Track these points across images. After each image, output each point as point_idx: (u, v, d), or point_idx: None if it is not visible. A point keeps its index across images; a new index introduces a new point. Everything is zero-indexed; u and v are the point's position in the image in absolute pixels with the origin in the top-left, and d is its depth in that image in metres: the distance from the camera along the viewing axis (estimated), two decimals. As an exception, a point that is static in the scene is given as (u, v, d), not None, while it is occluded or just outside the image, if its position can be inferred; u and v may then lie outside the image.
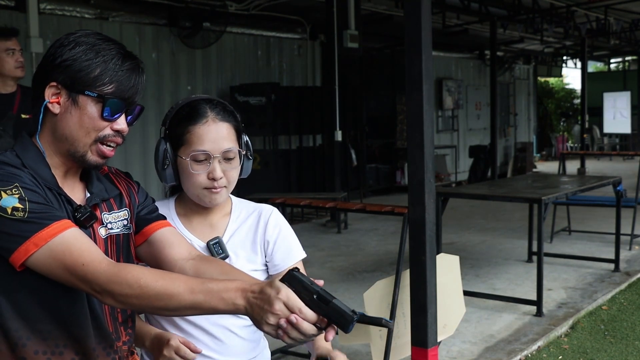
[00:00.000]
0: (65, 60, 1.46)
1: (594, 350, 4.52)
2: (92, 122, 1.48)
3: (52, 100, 1.47)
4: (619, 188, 6.47)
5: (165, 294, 1.32)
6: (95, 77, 1.46)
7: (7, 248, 1.38)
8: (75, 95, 1.47)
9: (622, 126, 19.42)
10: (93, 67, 1.46)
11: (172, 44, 9.17)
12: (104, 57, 1.48)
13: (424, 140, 3.41)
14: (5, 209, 1.36)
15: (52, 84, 1.47)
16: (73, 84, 1.46)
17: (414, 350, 3.54)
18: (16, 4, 7.43)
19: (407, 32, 3.42)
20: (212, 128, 1.75)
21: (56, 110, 1.48)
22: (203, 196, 1.78)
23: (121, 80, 1.48)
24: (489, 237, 8.20)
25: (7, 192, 1.38)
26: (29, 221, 1.37)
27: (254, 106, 9.25)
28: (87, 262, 1.37)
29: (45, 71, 1.48)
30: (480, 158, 13.77)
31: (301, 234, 8.59)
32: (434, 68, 3.78)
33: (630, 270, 6.44)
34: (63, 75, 1.46)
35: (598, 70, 25.90)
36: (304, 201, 4.49)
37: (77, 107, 1.47)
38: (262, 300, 1.24)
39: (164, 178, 1.79)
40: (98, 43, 1.49)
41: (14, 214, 1.36)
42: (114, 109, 1.49)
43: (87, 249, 1.39)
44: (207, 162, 1.76)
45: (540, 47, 16.34)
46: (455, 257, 3.98)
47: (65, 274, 1.38)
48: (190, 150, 1.75)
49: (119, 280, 1.34)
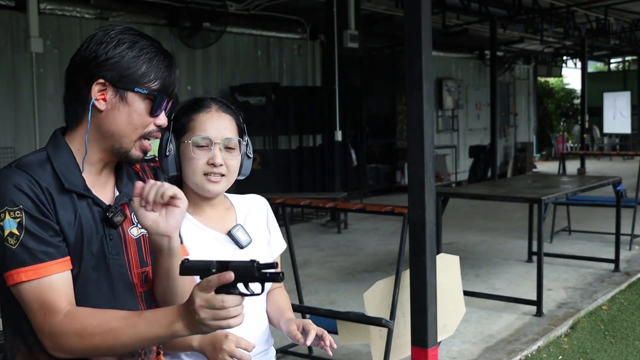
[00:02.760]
0: (112, 58, 1.46)
1: (594, 350, 4.52)
2: (141, 118, 1.50)
3: (98, 97, 1.47)
4: (619, 188, 6.47)
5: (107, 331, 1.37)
6: (143, 74, 1.48)
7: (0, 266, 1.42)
8: (124, 92, 1.47)
9: (622, 126, 19.43)
10: (140, 64, 1.47)
11: (172, 44, 9.17)
12: (148, 55, 1.49)
13: (424, 140, 3.41)
14: (3, 231, 1.39)
15: (100, 81, 1.46)
16: (121, 81, 1.47)
17: (414, 350, 3.54)
18: (16, 4, 7.43)
19: (407, 32, 3.42)
20: (215, 116, 1.81)
21: (102, 107, 1.48)
22: (202, 184, 1.81)
23: (164, 76, 1.50)
24: (488, 237, 8.20)
25: (10, 213, 1.39)
26: (16, 254, 1.39)
27: (254, 106, 9.24)
28: (48, 312, 1.39)
29: (87, 69, 1.47)
30: (480, 158, 13.77)
31: (301, 234, 8.65)
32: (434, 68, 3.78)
33: (630, 270, 6.44)
34: (111, 72, 1.46)
35: (598, 70, 25.90)
36: (304, 201, 4.49)
37: (126, 104, 1.48)
38: (188, 310, 1.32)
39: (165, 166, 1.81)
40: (138, 40, 1.50)
41: (7, 239, 1.38)
42: (159, 105, 1.51)
43: (65, 297, 1.41)
44: (209, 148, 1.79)
45: (540, 47, 16.34)
46: (455, 257, 3.98)
47: (34, 312, 1.40)
48: (192, 135, 1.79)
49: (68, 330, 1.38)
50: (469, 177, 14.04)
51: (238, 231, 1.86)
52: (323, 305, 5.16)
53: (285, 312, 1.94)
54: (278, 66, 10.92)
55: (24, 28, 7.27)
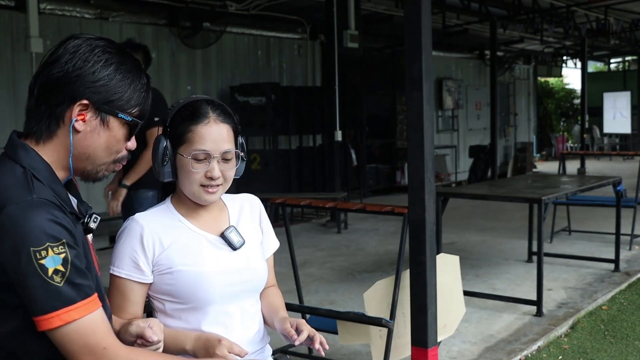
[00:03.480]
0: (100, 80, 1.41)
1: (594, 350, 4.52)
2: (118, 144, 1.48)
3: (78, 118, 1.41)
4: (619, 188, 6.47)
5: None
6: (127, 100, 1.45)
7: (33, 309, 1.32)
8: (106, 116, 1.43)
9: (622, 126, 19.43)
10: (124, 89, 1.44)
11: (172, 44, 9.17)
12: (132, 78, 1.46)
13: (424, 140, 3.41)
14: (46, 270, 1.29)
15: (83, 101, 1.41)
16: (107, 105, 1.42)
17: (414, 350, 3.54)
18: (16, 4, 7.43)
19: (407, 32, 3.42)
20: (214, 129, 1.79)
21: (80, 128, 1.42)
22: (199, 193, 1.82)
23: (143, 102, 1.49)
24: (489, 237, 8.20)
25: (54, 249, 1.30)
26: (62, 292, 1.30)
27: (254, 106, 9.24)
28: (108, 346, 1.36)
29: (71, 86, 1.40)
30: (480, 158, 13.76)
31: (301, 234, 8.64)
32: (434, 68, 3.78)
33: (630, 270, 6.44)
34: (97, 95, 1.41)
35: (598, 70, 25.90)
36: (304, 201, 4.49)
37: (107, 128, 1.44)
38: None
39: (162, 174, 1.82)
40: (123, 60, 1.46)
41: (52, 277, 1.29)
42: (135, 132, 1.50)
43: (109, 331, 1.38)
44: (207, 161, 1.79)
45: (540, 47, 16.34)
46: (455, 257, 3.98)
47: (81, 352, 1.34)
48: (191, 149, 1.79)
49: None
50: (469, 177, 14.04)
51: (231, 233, 1.87)
52: (323, 305, 5.15)
53: (279, 311, 1.95)
54: (278, 66, 10.92)
55: (24, 28, 7.26)
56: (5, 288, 1.33)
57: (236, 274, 1.85)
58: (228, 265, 1.84)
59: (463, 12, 11.71)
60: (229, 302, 1.83)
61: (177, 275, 1.78)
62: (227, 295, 1.83)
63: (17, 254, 1.28)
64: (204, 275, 1.79)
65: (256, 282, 1.91)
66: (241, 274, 1.86)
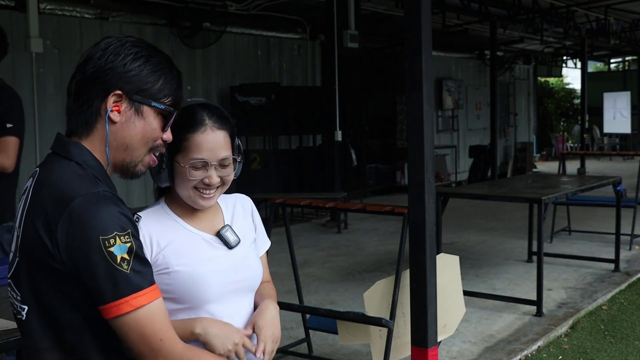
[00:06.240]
0: (130, 71, 1.47)
1: (594, 350, 4.52)
2: (154, 133, 1.52)
3: (113, 109, 1.47)
4: (619, 188, 6.47)
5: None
6: (159, 90, 1.50)
7: (103, 296, 1.36)
8: (140, 105, 1.48)
9: (622, 126, 19.44)
10: (156, 79, 1.49)
11: (172, 44, 9.16)
12: (163, 70, 1.51)
13: (424, 140, 3.41)
14: (115, 257, 1.35)
15: (117, 92, 1.46)
16: (139, 95, 1.48)
17: (414, 350, 3.54)
18: (16, 4, 7.42)
19: (407, 32, 3.42)
20: (211, 137, 1.79)
21: (116, 119, 1.47)
22: (196, 199, 1.83)
23: (175, 92, 1.54)
24: (488, 237, 8.20)
25: (121, 238, 1.36)
26: (130, 279, 1.36)
27: (254, 106, 9.24)
28: (165, 339, 1.39)
29: (104, 79, 1.46)
30: (480, 158, 13.77)
31: (301, 234, 8.64)
32: (434, 68, 3.78)
33: (630, 270, 6.44)
34: (129, 85, 1.46)
35: (598, 70, 25.90)
36: (304, 201, 4.49)
37: (141, 118, 1.49)
38: None
39: (159, 180, 1.83)
40: (152, 54, 1.51)
41: (121, 265, 1.35)
42: (170, 121, 1.54)
43: (167, 323, 1.42)
44: (204, 169, 1.80)
45: (540, 47, 16.34)
46: (455, 257, 3.98)
47: (137, 341, 1.38)
48: (188, 157, 1.79)
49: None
50: (469, 177, 14.04)
51: (227, 232, 1.88)
52: (323, 305, 5.15)
53: (264, 299, 1.94)
54: (278, 66, 10.92)
55: (24, 28, 7.26)
56: (71, 281, 1.37)
57: (233, 273, 1.85)
58: (225, 264, 1.85)
59: (463, 12, 11.71)
60: (226, 301, 1.84)
61: (175, 275, 1.78)
62: (225, 294, 1.83)
63: (87, 244, 1.34)
64: (201, 275, 1.80)
65: (252, 280, 1.92)
66: (238, 272, 1.86)
